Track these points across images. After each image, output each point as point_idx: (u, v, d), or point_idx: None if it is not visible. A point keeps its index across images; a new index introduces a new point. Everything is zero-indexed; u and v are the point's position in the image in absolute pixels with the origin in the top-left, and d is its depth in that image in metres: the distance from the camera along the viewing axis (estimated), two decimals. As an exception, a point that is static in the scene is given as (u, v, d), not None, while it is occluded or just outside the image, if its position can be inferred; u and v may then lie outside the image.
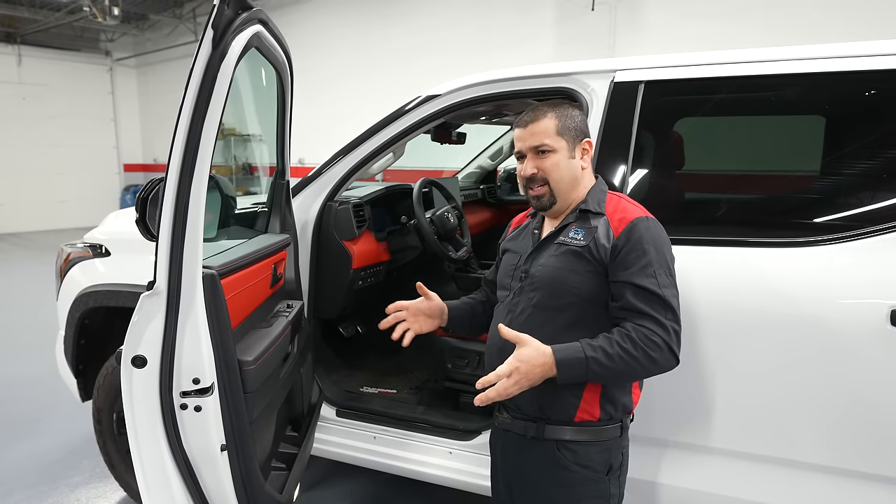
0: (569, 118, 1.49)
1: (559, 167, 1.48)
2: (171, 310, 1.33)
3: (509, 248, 1.67)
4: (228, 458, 1.45)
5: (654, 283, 1.38)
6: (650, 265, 1.39)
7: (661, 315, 1.36)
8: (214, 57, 1.24)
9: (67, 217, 11.86)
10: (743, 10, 5.85)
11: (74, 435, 3.27)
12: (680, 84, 1.90)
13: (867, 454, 1.62)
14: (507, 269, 1.62)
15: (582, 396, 1.44)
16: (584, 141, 1.52)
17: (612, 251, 1.42)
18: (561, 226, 1.52)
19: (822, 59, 1.73)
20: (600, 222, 1.46)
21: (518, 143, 1.53)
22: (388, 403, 2.49)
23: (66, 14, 10.77)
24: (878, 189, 1.70)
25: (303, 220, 2.38)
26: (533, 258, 1.54)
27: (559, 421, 1.46)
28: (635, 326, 1.37)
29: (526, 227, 1.67)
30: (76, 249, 2.65)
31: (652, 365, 1.36)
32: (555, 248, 1.50)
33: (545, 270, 1.49)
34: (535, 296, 1.49)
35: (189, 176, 1.26)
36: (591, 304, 1.45)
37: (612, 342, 1.35)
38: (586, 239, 1.45)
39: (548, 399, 1.45)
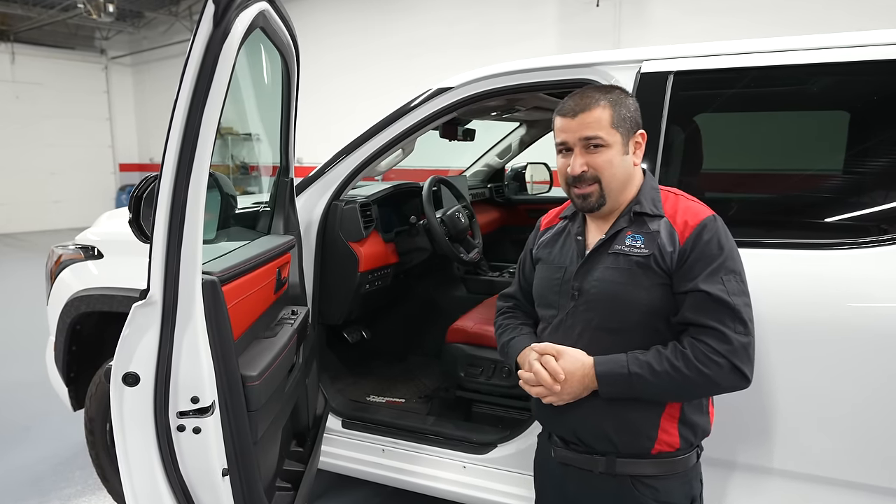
0: (623, 106, 1.30)
1: (613, 165, 1.28)
2: (167, 321, 1.19)
3: (546, 257, 1.45)
4: (231, 483, 1.32)
5: (723, 289, 1.21)
6: (720, 270, 1.22)
7: (728, 327, 1.19)
8: (216, 36, 1.10)
9: (62, 217, 11.70)
10: (749, 5, 5.76)
11: (66, 444, 3.15)
12: (713, 74, 1.77)
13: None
14: (551, 285, 1.40)
15: (659, 425, 1.28)
16: (637, 133, 1.33)
17: (678, 258, 1.24)
18: (613, 231, 1.33)
19: (881, 45, 1.59)
20: (660, 225, 1.28)
21: (563, 134, 1.31)
22: (396, 414, 2.37)
23: (60, 11, 10.61)
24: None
25: (306, 220, 2.26)
26: (584, 272, 1.34)
27: (633, 454, 1.29)
28: (693, 342, 1.21)
29: (564, 232, 1.45)
30: (67, 251, 2.53)
31: (710, 385, 1.21)
32: (611, 260, 1.30)
33: (603, 287, 1.30)
34: (594, 317, 1.31)
35: (187, 171, 1.13)
36: (662, 320, 1.28)
37: (661, 358, 1.21)
38: (649, 246, 1.27)
39: (619, 430, 1.28)
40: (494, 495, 2.04)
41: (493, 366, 2.27)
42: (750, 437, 1.65)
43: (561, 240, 1.44)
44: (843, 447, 1.56)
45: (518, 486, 2.02)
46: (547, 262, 1.44)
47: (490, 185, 3.87)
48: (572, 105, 1.30)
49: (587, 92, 1.31)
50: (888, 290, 1.48)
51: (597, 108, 1.27)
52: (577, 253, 1.37)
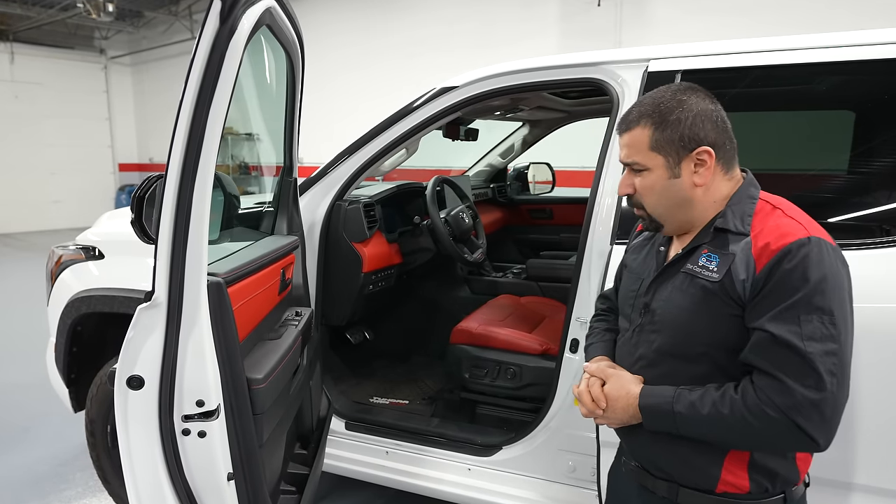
0: (670, 125, 1.12)
1: (653, 191, 1.16)
2: (172, 323, 1.17)
3: (630, 264, 1.34)
4: (236, 487, 1.30)
5: (795, 332, 1.00)
6: (798, 307, 1.01)
7: (791, 378, 1.00)
8: (222, 33, 1.08)
9: (61, 217, 11.67)
10: (751, 4, 5.74)
11: (66, 446, 3.12)
12: (721, 73, 1.75)
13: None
14: (628, 295, 1.30)
15: (722, 465, 1.13)
16: (695, 152, 1.12)
17: (752, 288, 1.05)
18: (691, 247, 1.17)
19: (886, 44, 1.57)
20: (740, 247, 1.09)
21: (620, 150, 1.23)
22: (400, 415, 2.36)
23: (59, 11, 10.57)
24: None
25: (309, 220, 2.24)
26: (655, 288, 1.21)
27: (696, 488, 1.15)
28: (749, 388, 1.05)
29: (652, 239, 1.32)
30: (68, 251, 2.51)
31: (762, 441, 1.06)
32: (681, 280, 1.16)
33: (668, 309, 1.17)
34: (657, 339, 1.19)
35: (192, 170, 1.11)
36: (728, 355, 1.11)
37: (710, 401, 1.07)
38: (721, 271, 1.09)
39: (673, 463, 1.17)
40: (500, 498, 2.02)
41: (498, 367, 2.25)
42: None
43: (647, 247, 1.33)
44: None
45: (524, 489, 2.01)
46: (630, 270, 1.35)
47: (493, 185, 3.85)
48: (620, 121, 1.21)
49: (635, 106, 1.19)
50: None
51: (636, 129, 1.16)
52: (657, 265, 1.25)
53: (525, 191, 4.02)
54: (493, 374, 2.26)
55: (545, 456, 1.96)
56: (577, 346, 1.84)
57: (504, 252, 3.73)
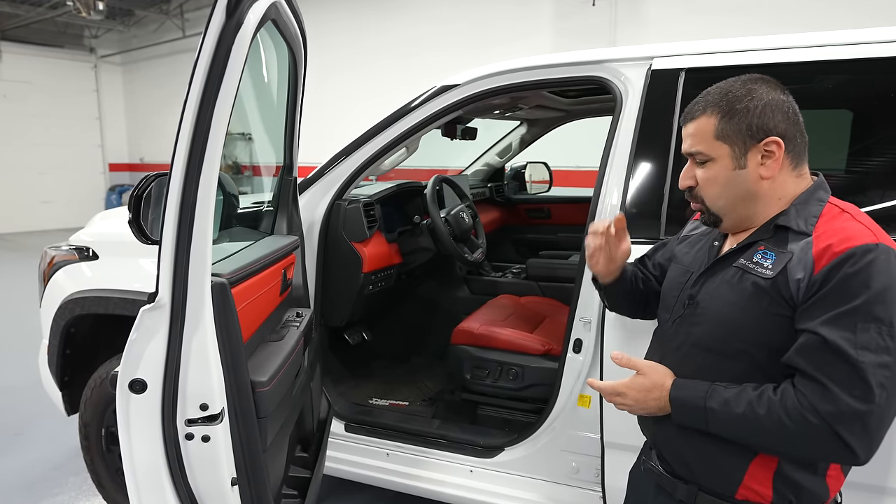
0: (738, 113, 1.09)
1: (716, 182, 1.12)
2: (176, 325, 1.14)
3: (680, 256, 1.32)
4: (240, 493, 1.27)
5: (849, 339, 0.97)
6: (856, 314, 0.97)
7: (838, 385, 0.97)
8: (229, 27, 1.05)
9: (51, 218, 11.54)
10: (746, 4, 5.76)
11: (59, 449, 3.08)
12: (727, 72, 1.72)
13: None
14: (674, 286, 1.27)
15: (746, 470, 1.10)
16: (763, 143, 1.09)
17: (807, 288, 1.02)
18: (746, 242, 1.14)
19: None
20: (799, 246, 1.05)
21: (683, 141, 1.19)
22: (400, 417, 2.34)
23: (48, 9, 10.45)
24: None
25: (308, 220, 2.22)
26: (704, 281, 1.18)
27: (716, 493, 1.13)
28: (789, 390, 1.02)
29: (708, 235, 1.29)
30: (61, 252, 2.47)
31: (797, 447, 1.03)
32: (732, 274, 1.13)
33: (714, 303, 1.14)
34: (697, 332, 1.16)
35: (197, 169, 1.08)
36: (770, 356, 1.07)
37: (746, 399, 1.04)
38: (776, 268, 1.06)
39: (699, 460, 1.14)
40: (502, 500, 2.01)
41: (500, 368, 2.23)
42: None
43: (701, 242, 1.30)
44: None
45: (526, 491, 2.00)
46: (678, 261, 1.32)
47: (490, 184, 3.84)
48: (687, 111, 1.17)
49: (704, 94, 1.16)
50: None
51: (702, 117, 1.13)
52: (708, 259, 1.23)
53: (522, 190, 4.01)
54: (494, 375, 2.24)
55: (548, 457, 1.95)
56: (581, 346, 1.82)
57: (502, 252, 3.71)
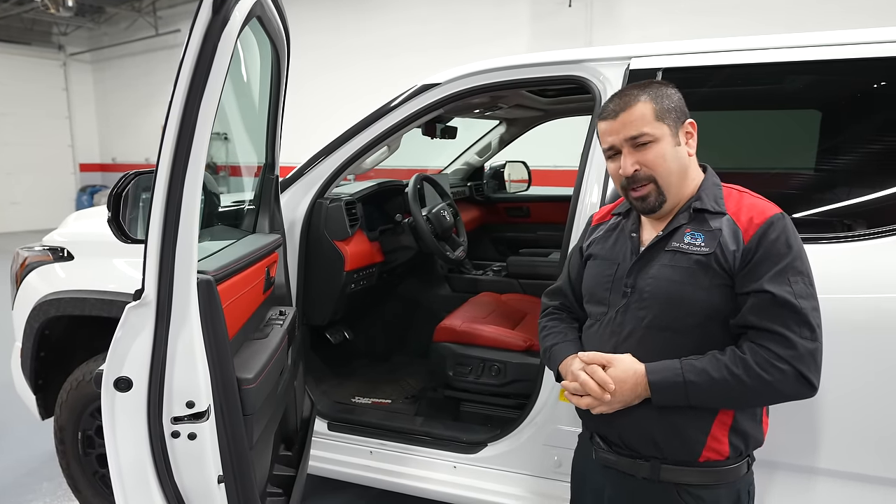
0: (665, 97, 1.25)
1: (665, 158, 1.23)
2: (162, 322, 1.13)
3: (598, 253, 1.40)
4: (226, 490, 1.26)
5: (790, 291, 1.14)
6: (787, 270, 1.15)
7: (793, 332, 1.13)
8: (215, 24, 1.05)
9: (19, 219, 11.25)
10: (720, 5, 5.87)
11: (32, 454, 3.02)
12: (703, 72, 1.79)
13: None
14: (602, 280, 1.35)
15: (709, 433, 1.21)
16: (686, 122, 1.27)
17: (742, 257, 1.17)
18: (670, 229, 1.26)
19: (872, 43, 1.62)
20: (723, 223, 1.21)
21: (608, 137, 1.27)
22: (383, 415, 2.34)
23: (14, 5, 10.19)
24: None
25: (290, 219, 2.21)
26: (639, 269, 1.28)
27: (680, 460, 1.23)
28: (754, 347, 1.15)
29: (617, 228, 1.40)
30: (34, 253, 2.43)
31: (772, 394, 1.16)
32: (668, 257, 1.24)
33: (659, 284, 1.24)
34: (647, 315, 1.25)
35: (183, 166, 1.08)
36: (720, 324, 1.21)
37: (719, 365, 1.15)
38: (710, 245, 1.20)
39: (668, 436, 1.23)
40: (485, 495, 2.03)
41: (482, 364, 2.25)
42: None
43: (614, 236, 1.39)
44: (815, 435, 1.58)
45: (509, 486, 2.01)
46: (599, 257, 1.40)
47: (470, 183, 3.86)
48: (613, 107, 1.28)
49: (625, 91, 1.29)
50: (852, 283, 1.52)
51: (638, 104, 1.24)
52: (632, 250, 1.32)
53: (501, 189, 4.04)
54: (477, 372, 2.26)
55: (530, 452, 1.97)
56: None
57: (482, 250, 3.74)
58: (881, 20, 1.79)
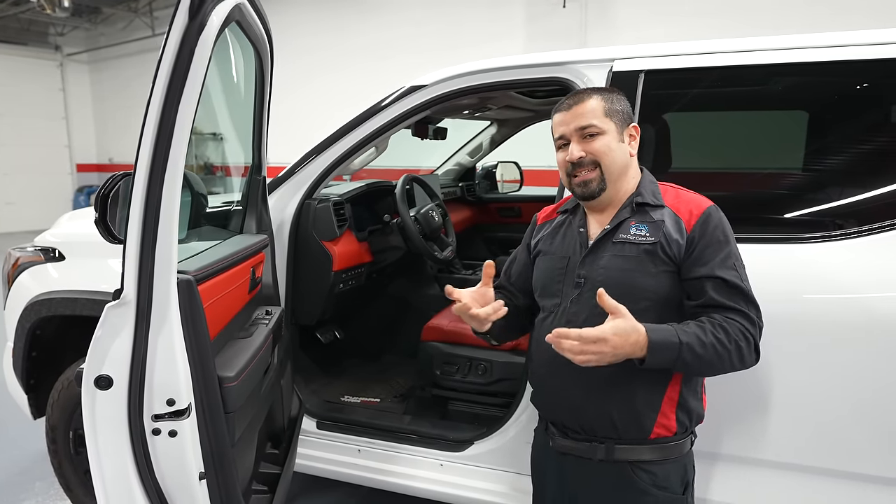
0: (615, 100, 1.39)
1: (610, 149, 1.35)
2: (142, 322, 1.15)
3: (547, 249, 1.49)
4: (208, 487, 1.28)
5: (737, 275, 1.28)
6: (730, 257, 1.30)
7: (746, 307, 1.27)
8: (192, 28, 1.07)
9: (16, 220, 11.25)
10: (715, 7, 5.90)
11: (25, 454, 3.03)
12: (683, 74, 1.81)
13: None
14: (553, 274, 1.44)
15: (659, 409, 1.32)
16: (631, 126, 1.40)
17: (687, 245, 1.30)
18: (616, 222, 1.37)
19: (855, 46, 1.64)
20: (664, 215, 1.34)
21: (560, 127, 1.39)
22: (372, 414, 2.36)
23: (10, 6, 10.20)
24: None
25: (278, 219, 2.23)
26: (590, 261, 1.37)
27: (632, 440, 1.33)
28: (727, 318, 1.26)
29: (564, 225, 1.49)
30: (26, 253, 2.44)
31: (738, 361, 1.26)
32: (617, 248, 1.35)
33: (610, 273, 1.33)
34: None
35: (162, 168, 1.09)
36: (668, 307, 1.32)
37: (705, 330, 1.24)
38: (654, 234, 1.32)
39: (623, 413, 1.32)
40: (472, 492, 2.04)
41: (469, 363, 2.27)
42: (731, 428, 1.69)
43: (561, 232, 1.48)
44: (803, 434, 1.62)
45: (495, 483, 2.03)
46: (548, 253, 1.48)
47: (461, 183, 3.88)
48: (567, 101, 1.40)
49: (581, 90, 1.42)
50: (839, 280, 1.56)
51: (590, 100, 1.36)
52: (580, 243, 1.41)
53: (493, 189, 4.06)
54: (464, 371, 2.28)
55: (516, 450, 1.99)
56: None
57: (473, 250, 3.76)
58: (869, 23, 1.80)
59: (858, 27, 1.70)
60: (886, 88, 1.67)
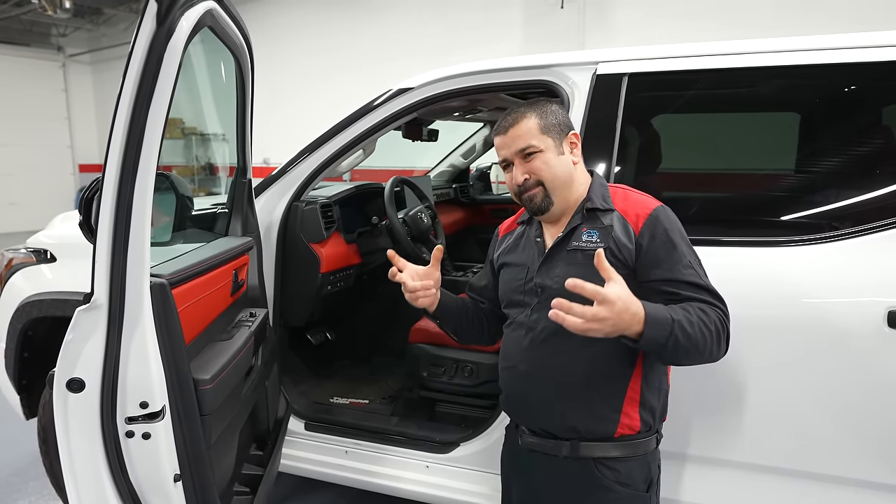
0: (550, 114, 1.40)
1: (550, 165, 1.37)
2: (114, 325, 1.16)
3: (509, 261, 1.52)
4: (184, 489, 1.29)
5: (695, 274, 1.30)
6: (685, 255, 1.31)
7: (714, 301, 1.28)
8: (159, 35, 1.08)
9: (18, 220, 11.26)
10: (713, 10, 5.88)
11: (19, 454, 3.04)
12: (666, 76, 1.81)
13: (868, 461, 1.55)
14: (514, 285, 1.47)
15: (622, 410, 1.34)
16: (570, 134, 1.42)
17: (637, 249, 1.31)
18: (568, 229, 1.39)
19: (831, 49, 1.65)
20: (613, 219, 1.35)
21: (502, 151, 1.42)
22: (360, 415, 2.36)
23: (12, 7, 10.24)
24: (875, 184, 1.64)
25: (267, 221, 2.23)
26: (545, 270, 1.40)
27: (597, 437, 1.35)
28: (701, 304, 1.27)
29: (523, 236, 1.53)
30: (19, 254, 2.45)
31: (716, 346, 1.26)
32: (569, 256, 1.37)
33: (564, 281, 1.30)
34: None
35: (132, 173, 1.10)
36: None
37: (689, 311, 1.24)
38: (604, 240, 1.33)
39: (584, 421, 1.35)
40: (457, 494, 2.05)
41: (455, 365, 2.28)
42: (706, 429, 1.70)
43: (521, 243, 1.51)
44: (789, 437, 1.62)
45: (480, 485, 2.03)
46: (511, 264, 1.51)
47: (455, 185, 3.88)
48: (504, 124, 1.41)
49: (514, 109, 1.42)
50: (844, 282, 1.55)
51: (524, 120, 1.38)
52: (538, 253, 1.44)
53: (488, 191, 4.06)
54: (450, 372, 2.28)
55: (500, 452, 1.99)
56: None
57: (467, 252, 3.76)
58: (862, 27, 1.81)
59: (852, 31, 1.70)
60: (870, 91, 1.67)
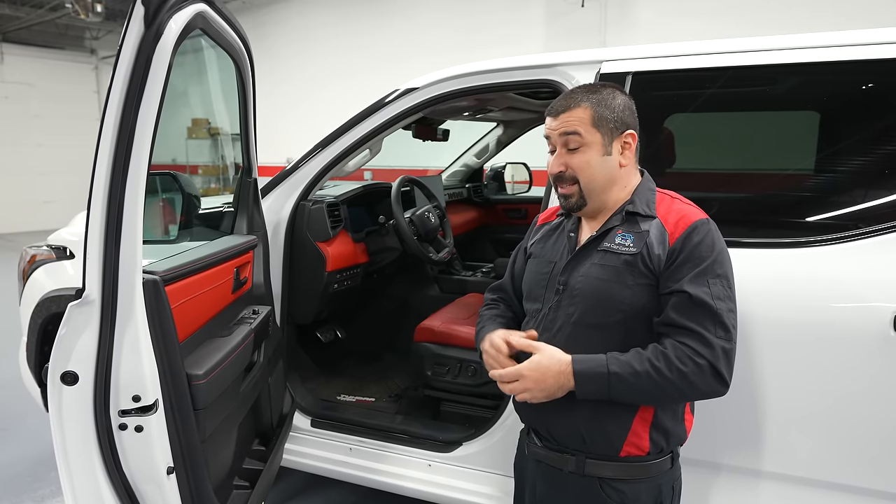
0: (607, 107, 1.28)
1: (590, 166, 1.28)
2: (106, 321, 1.19)
3: (538, 252, 1.45)
4: (177, 481, 1.32)
5: (707, 292, 1.19)
6: (707, 272, 1.20)
7: (709, 331, 1.17)
8: (147, 37, 1.09)
9: (52, 218, 11.53)
10: (734, 7, 5.77)
11: (43, 445, 3.13)
12: (670, 75, 1.79)
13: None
14: (539, 278, 1.40)
15: (630, 428, 1.26)
16: (624, 134, 1.29)
17: (667, 259, 1.23)
18: (604, 229, 1.31)
19: (832, 47, 1.61)
20: (652, 226, 1.26)
21: (548, 132, 1.33)
22: (365, 413, 2.38)
23: (48, 11, 10.56)
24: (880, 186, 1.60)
25: (274, 220, 2.27)
26: (572, 267, 1.33)
27: (602, 456, 1.28)
28: (675, 344, 1.19)
29: (558, 228, 1.44)
30: (41, 251, 2.53)
31: (690, 389, 1.18)
32: (598, 257, 1.29)
33: (588, 282, 1.28)
34: (575, 311, 1.29)
35: (122, 173, 1.13)
36: (643, 321, 1.26)
37: (642, 358, 1.19)
38: (637, 245, 1.25)
39: (592, 430, 1.28)
40: (459, 493, 2.05)
41: (460, 365, 2.28)
42: (733, 438, 1.64)
43: (555, 236, 1.44)
44: (821, 446, 1.57)
45: (481, 484, 2.03)
46: (538, 256, 1.44)
47: (468, 185, 3.88)
48: (557, 105, 1.32)
49: (573, 92, 1.32)
50: (849, 285, 1.51)
51: (578, 109, 1.28)
52: (569, 249, 1.37)
53: (502, 191, 4.05)
54: (454, 372, 2.28)
55: (503, 452, 1.98)
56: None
57: (480, 251, 3.76)
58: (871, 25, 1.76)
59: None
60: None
